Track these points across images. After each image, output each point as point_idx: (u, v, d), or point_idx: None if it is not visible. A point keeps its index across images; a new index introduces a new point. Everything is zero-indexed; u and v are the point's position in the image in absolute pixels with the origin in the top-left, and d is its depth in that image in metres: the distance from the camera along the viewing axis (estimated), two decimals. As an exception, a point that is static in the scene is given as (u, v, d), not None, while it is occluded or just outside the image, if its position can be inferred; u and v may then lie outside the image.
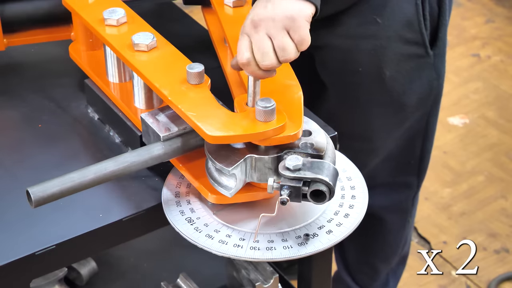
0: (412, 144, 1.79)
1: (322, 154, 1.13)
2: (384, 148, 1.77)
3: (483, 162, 2.74)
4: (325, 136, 1.17)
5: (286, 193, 1.10)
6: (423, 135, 1.78)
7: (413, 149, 1.80)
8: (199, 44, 1.54)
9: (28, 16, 1.46)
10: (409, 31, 1.58)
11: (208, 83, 1.21)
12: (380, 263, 2.02)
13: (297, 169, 1.10)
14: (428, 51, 1.62)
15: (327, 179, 1.09)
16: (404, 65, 1.63)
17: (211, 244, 1.14)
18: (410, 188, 1.88)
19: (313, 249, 1.14)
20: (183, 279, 1.51)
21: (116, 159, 1.16)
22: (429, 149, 1.82)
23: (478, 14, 3.52)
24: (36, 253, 1.14)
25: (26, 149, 1.34)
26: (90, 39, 1.43)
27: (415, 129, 1.75)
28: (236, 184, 1.14)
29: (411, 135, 1.76)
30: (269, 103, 1.13)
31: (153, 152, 1.18)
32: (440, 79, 1.69)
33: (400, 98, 1.67)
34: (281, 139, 1.13)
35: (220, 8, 1.42)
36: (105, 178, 1.14)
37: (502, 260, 2.39)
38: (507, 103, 3.00)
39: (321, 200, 1.10)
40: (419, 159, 1.82)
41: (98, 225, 1.19)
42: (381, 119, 1.71)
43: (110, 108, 1.35)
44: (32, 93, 1.47)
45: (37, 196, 1.09)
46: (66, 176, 1.11)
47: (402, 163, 1.82)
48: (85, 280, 1.63)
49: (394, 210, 1.91)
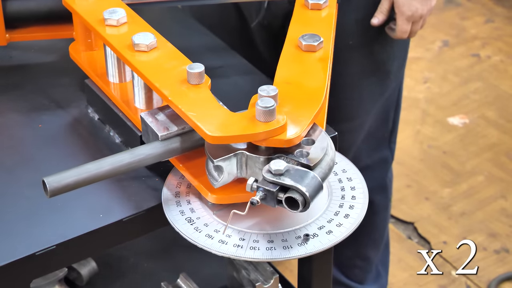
0: (387, 117, 1.84)
1: (311, 166, 1.12)
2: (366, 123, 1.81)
3: (483, 162, 2.74)
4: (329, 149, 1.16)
5: (259, 195, 1.10)
6: (395, 105, 1.85)
7: (387, 122, 1.85)
8: (199, 44, 1.54)
9: (31, 12, 1.46)
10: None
11: (208, 83, 1.21)
12: (371, 250, 2.05)
13: (278, 174, 1.10)
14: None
15: (304, 189, 1.07)
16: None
17: (211, 244, 1.14)
18: (386, 163, 1.92)
19: (313, 249, 1.14)
20: (183, 279, 1.52)
21: (132, 151, 1.17)
22: (397, 120, 1.89)
23: (477, 14, 3.52)
24: (36, 253, 1.14)
25: (26, 149, 1.34)
26: (90, 39, 1.43)
27: (389, 100, 1.81)
28: (223, 176, 1.14)
29: (386, 107, 1.82)
30: (269, 103, 1.13)
31: (170, 145, 1.19)
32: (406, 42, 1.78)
33: (385, 66, 1.74)
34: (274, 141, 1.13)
35: None
36: (120, 170, 1.15)
37: (502, 260, 2.39)
38: (507, 103, 3.00)
39: (295, 208, 1.09)
40: (390, 132, 1.87)
41: (98, 225, 1.19)
42: (368, 90, 1.77)
43: (110, 108, 1.35)
44: (32, 93, 1.47)
45: (52, 186, 1.09)
46: (82, 167, 1.12)
47: (378, 137, 1.87)
48: (85, 280, 1.63)
49: (378, 191, 1.96)
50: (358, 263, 2.07)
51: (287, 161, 1.13)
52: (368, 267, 2.08)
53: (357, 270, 2.08)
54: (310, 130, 1.19)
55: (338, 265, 2.08)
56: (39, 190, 1.24)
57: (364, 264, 2.07)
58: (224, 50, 1.58)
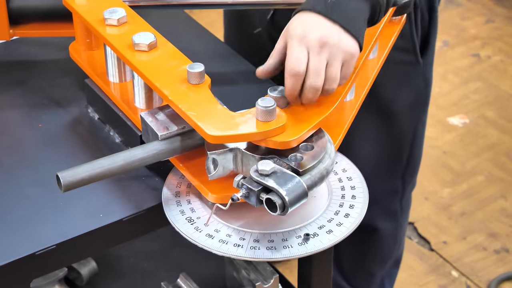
0: (399, 153, 1.78)
1: (299, 171, 1.12)
2: (372, 155, 1.77)
3: (483, 162, 2.74)
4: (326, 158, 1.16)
5: (242, 192, 1.10)
6: (410, 143, 1.78)
7: (400, 158, 1.79)
8: (199, 44, 1.54)
9: (34, 9, 1.46)
10: (401, 38, 1.58)
11: (208, 83, 1.21)
12: (375, 267, 2.02)
13: (264, 174, 1.10)
14: (418, 59, 1.62)
15: (284, 193, 1.07)
16: (394, 72, 1.63)
17: (211, 244, 1.14)
18: (396, 194, 1.87)
19: (313, 249, 1.14)
20: (183, 279, 1.51)
21: (145, 146, 1.17)
22: (416, 158, 1.82)
23: (478, 14, 3.52)
24: (36, 253, 1.14)
25: (26, 149, 1.34)
26: (90, 39, 1.43)
27: (402, 137, 1.75)
28: (217, 170, 1.15)
29: (398, 143, 1.76)
30: (269, 103, 1.13)
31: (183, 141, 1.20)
32: (428, 88, 1.69)
33: (388, 105, 1.67)
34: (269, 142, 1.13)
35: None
36: (133, 165, 1.16)
37: (502, 260, 2.39)
38: (507, 103, 3.00)
39: (274, 211, 1.09)
40: (405, 166, 1.82)
41: (98, 225, 1.19)
42: (371, 127, 1.71)
43: (110, 108, 1.35)
44: (32, 92, 1.47)
45: (66, 181, 1.10)
46: (95, 162, 1.13)
47: (387, 170, 1.82)
48: (85, 280, 1.63)
49: (384, 217, 1.91)
50: (361, 274, 2.04)
51: (279, 164, 1.13)
52: (371, 280, 2.04)
53: (359, 281, 2.05)
54: (315, 136, 1.18)
55: (341, 271, 2.07)
56: (39, 190, 1.25)
57: (367, 277, 2.04)
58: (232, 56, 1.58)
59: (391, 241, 1.96)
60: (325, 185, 1.23)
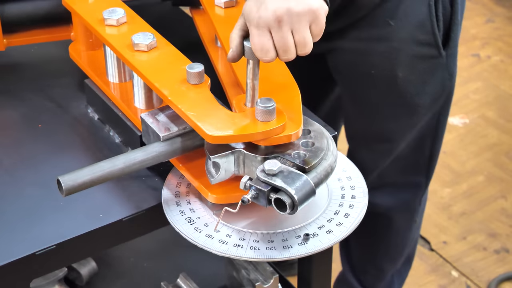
0: (422, 144, 1.78)
1: (305, 168, 1.13)
2: (397, 148, 1.77)
3: (483, 162, 2.74)
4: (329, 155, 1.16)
5: (251, 194, 1.10)
6: (433, 135, 1.77)
7: (423, 149, 1.79)
8: (199, 44, 1.54)
9: (28, 16, 1.46)
10: (422, 32, 1.57)
11: (208, 83, 1.21)
12: (386, 263, 2.02)
13: (271, 174, 1.10)
14: (440, 51, 1.61)
15: (293, 192, 1.08)
16: (417, 66, 1.62)
17: (211, 244, 1.14)
18: (419, 188, 1.87)
19: (313, 248, 1.14)
20: (183, 279, 1.52)
21: (145, 148, 1.17)
22: (438, 149, 1.81)
23: (478, 14, 3.52)
24: (36, 253, 1.14)
25: (26, 149, 1.34)
26: (90, 39, 1.43)
27: (426, 129, 1.75)
28: (219, 173, 1.15)
29: (421, 135, 1.76)
30: (269, 103, 1.13)
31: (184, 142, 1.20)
32: (452, 79, 1.68)
33: (413, 99, 1.66)
34: (281, 138, 1.13)
35: (211, 9, 1.41)
36: (134, 168, 1.15)
37: (502, 260, 2.39)
38: (507, 103, 3.00)
39: (283, 210, 1.09)
40: (428, 159, 1.81)
41: (98, 225, 1.19)
42: (395, 120, 1.71)
43: (110, 108, 1.35)
44: (32, 93, 1.47)
45: (67, 185, 1.09)
46: (96, 165, 1.13)
47: (411, 162, 1.81)
48: (85, 280, 1.63)
49: (402, 210, 1.91)
50: (371, 270, 2.04)
51: (283, 162, 1.13)
52: (381, 276, 2.04)
53: (369, 277, 2.05)
54: (312, 132, 1.19)
55: (351, 266, 2.06)
56: (39, 190, 1.24)
57: (377, 273, 2.03)
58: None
59: (404, 237, 1.96)
60: (325, 185, 1.23)
